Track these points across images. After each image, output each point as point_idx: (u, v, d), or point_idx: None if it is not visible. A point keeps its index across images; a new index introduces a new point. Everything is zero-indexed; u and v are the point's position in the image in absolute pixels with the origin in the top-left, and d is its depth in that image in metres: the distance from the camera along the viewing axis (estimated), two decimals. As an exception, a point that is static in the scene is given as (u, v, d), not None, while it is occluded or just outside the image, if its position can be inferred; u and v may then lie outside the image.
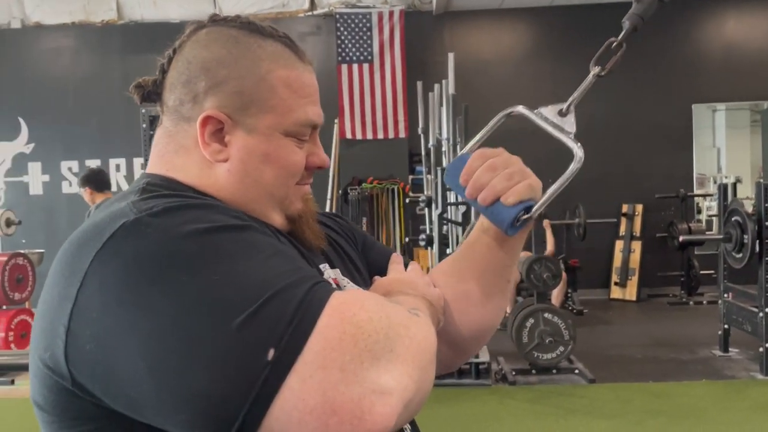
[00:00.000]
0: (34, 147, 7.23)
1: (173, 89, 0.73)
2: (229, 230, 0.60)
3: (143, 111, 5.49)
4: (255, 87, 0.72)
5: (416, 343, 0.59)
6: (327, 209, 6.19)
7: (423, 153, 4.83)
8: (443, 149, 4.57)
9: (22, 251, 5.10)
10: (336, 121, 6.50)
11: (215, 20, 0.76)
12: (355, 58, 6.82)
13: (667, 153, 7.06)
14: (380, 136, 6.78)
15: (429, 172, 4.69)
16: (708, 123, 8.42)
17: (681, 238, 5.40)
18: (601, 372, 4.24)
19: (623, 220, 7.04)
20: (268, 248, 0.60)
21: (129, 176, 6.92)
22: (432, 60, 6.60)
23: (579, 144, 0.78)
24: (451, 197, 4.43)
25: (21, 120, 7.19)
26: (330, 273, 0.81)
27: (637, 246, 6.93)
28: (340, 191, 6.38)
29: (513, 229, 0.78)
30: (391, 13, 6.80)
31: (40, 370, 0.59)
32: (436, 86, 4.70)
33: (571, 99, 0.82)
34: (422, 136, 4.83)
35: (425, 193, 4.51)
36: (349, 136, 6.80)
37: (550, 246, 6.08)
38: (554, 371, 4.25)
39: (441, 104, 4.67)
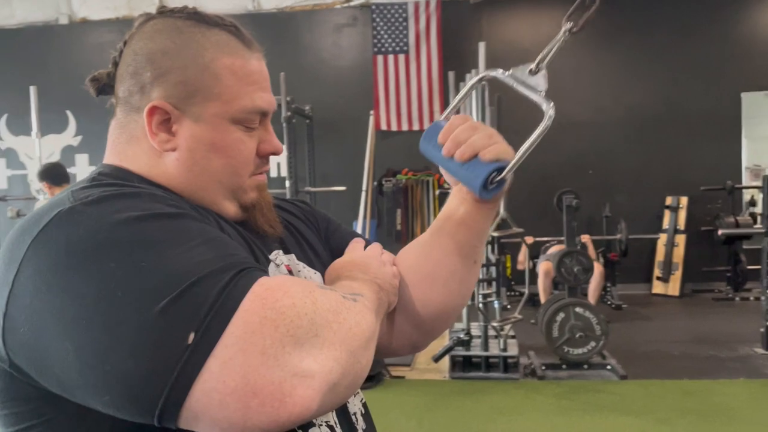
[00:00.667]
0: (82, 139, 7.50)
1: (123, 81, 0.75)
2: (160, 218, 0.61)
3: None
4: (199, 76, 0.73)
5: (346, 329, 0.60)
6: (362, 201, 6.21)
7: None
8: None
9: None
10: (371, 112, 6.50)
11: (162, 12, 0.77)
12: (390, 49, 6.80)
13: (714, 143, 6.80)
14: (416, 127, 6.75)
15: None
16: (764, 111, 8.06)
17: (720, 232, 5.20)
18: (634, 368, 4.14)
19: (667, 213, 6.82)
20: (200, 236, 0.61)
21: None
22: (469, 50, 6.49)
23: (551, 102, 0.78)
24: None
25: (69, 113, 7.45)
26: (283, 259, 0.81)
27: (681, 240, 6.71)
28: (375, 183, 6.39)
29: (486, 192, 0.78)
30: (427, 3, 6.75)
31: None
32: (467, 76, 4.63)
33: (540, 56, 0.81)
34: (453, 126, 4.78)
35: (456, 184, 4.47)
36: (384, 127, 6.79)
37: (598, 268, 5.87)
38: (585, 366, 4.16)
39: (478, 95, 4.60)
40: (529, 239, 6.06)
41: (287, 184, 5.54)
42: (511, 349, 4.21)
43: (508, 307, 5.72)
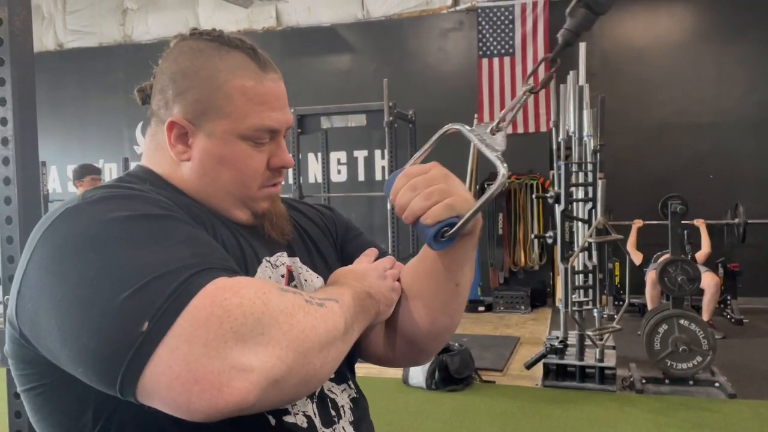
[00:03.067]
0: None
1: (154, 96, 0.86)
2: (147, 218, 0.69)
3: (292, 110, 5.92)
4: (212, 95, 0.81)
5: (298, 330, 0.65)
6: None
7: (554, 147, 4.67)
8: (573, 143, 4.39)
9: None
10: (475, 116, 6.48)
11: (193, 33, 0.87)
12: (496, 51, 6.74)
13: None
14: (520, 130, 6.64)
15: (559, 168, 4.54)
16: None
17: None
18: (746, 387, 3.85)
19: (800, 221, 6.23)
20: (178, 236, 0.69)
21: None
22: (577, 50, 6.32)
23: (504, 163, 0.79)
24: (578, 193, 4.26)
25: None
26: (286, 260, 0.88)
27: (816, 251, 6.11)
28: (477, 186, 6.36)
29: (438, 245, 0.79)
30: (534, 4, 6.62)
31: (7, 325, 0.74)
32: (568, 78, 4.52)
33: (500, 116, 0.82)
34: (554, 129, 4.67)
35: (555, 188, 4.38)
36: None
37: (705, 247, 5.57)
38: (690, 383, 3.93)
39: (575, 96, 4.49)
40: (638, 222, 5.80)
41: (388, 187, 5.67)
42: (608, 360, 4.06)
43: (615, 316, 5.48)
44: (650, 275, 5.22)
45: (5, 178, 1.33)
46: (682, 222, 4.30)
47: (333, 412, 0.85)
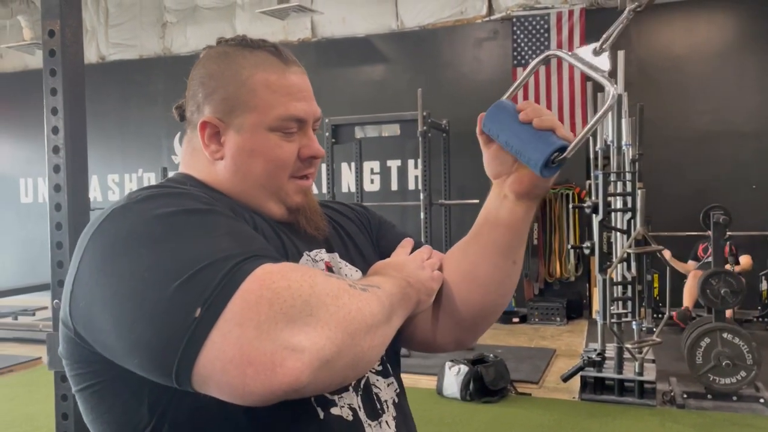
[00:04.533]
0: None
1: (188, 103, 0.89)
2: (191, 213, 0.71)
3: (326, 120, 5.96)
4: (237, 91, 0.84)
5: (345, 312, 0.66)
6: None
7: (591, 157, 4.61)
8: (611, 153, 4.32)
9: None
10: (510, 125, 6.43)
11: (218, 42, 0.90)
12: (530, 60, 6.71)
13: None
14: (555, 139, 6.57)
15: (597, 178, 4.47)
16: None
17: None
18: (793, 404, 3.73)
19: None
20: (222, 228, 0.71)
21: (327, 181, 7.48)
22: (615, 58, 6.24)
23: (613, 82, 0.79)
24: (616, 203, 4.19)
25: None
26: (324, 256, 0.90)
27: None
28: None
29: (548, 170, 0.79)
30: (570, 13, 6.57)
31: (61, 326, 0.76)
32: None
33: (604, 36, 0.81)
34: (590, 138, 4.61)
35: (592, 198, 4.32)
36: (523, 140, 6.68)
37: (744, 263, 5.44)
38: (734, 398, 3.82)
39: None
40: (667, 254, 5.68)
41: (421, 196, 5.66)
42: (648, 374, 3.97)
43: (654, 329, 5.37)
44: (692, 269, 5.06)
45: (56, 185, 1.37)
46: (702, 235, 4.18)
47: (378, 405, 0.85)
